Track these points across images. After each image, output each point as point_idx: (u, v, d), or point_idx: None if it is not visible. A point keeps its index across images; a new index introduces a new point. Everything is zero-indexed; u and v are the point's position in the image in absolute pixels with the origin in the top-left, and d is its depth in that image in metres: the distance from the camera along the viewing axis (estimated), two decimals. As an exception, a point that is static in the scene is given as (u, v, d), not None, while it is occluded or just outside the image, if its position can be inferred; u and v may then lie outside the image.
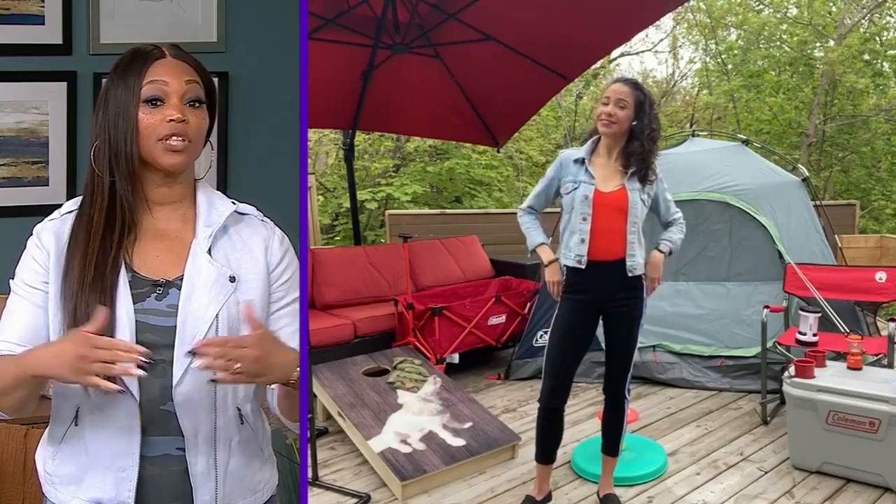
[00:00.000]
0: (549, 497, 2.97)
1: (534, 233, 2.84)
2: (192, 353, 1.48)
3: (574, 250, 2.69)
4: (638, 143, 2.65)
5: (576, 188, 2.70)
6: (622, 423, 2.93)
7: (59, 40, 2.82)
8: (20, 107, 2.82)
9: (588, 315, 2.77)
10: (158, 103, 1.58)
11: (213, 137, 1.72)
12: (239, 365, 1.46)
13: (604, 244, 2.68)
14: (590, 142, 2.76)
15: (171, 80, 1.58)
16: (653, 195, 2.76)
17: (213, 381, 1.48)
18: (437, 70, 5.40)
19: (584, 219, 2.68)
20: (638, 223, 2.71)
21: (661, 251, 2.82)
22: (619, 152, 2.69)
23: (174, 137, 1.57)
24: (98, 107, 1.62)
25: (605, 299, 2.72)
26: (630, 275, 2.69)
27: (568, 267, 2.73)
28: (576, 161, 2.73)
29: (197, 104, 1.61)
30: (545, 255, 2.77)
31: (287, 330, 1.69)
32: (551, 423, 2.83)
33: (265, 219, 1.73)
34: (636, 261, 2.70)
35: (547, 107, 8.78)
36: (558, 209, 2.87)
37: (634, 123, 2.64)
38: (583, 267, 2.68)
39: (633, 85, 2.67)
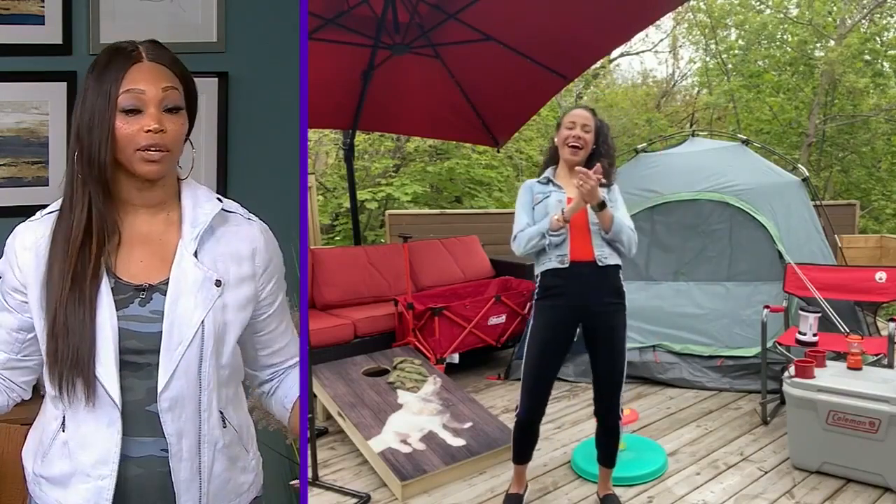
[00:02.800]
0: (526, 487, 3.01)
1: (537, 225, 2.75)
2: None
3: (555, 251, 2.70)
4: (597, 161, 2.74)
5: (547, 196, 2.78)
6: (617, 444, 2.90)
7: (59, 40, 2.82)
8: (20, 107, 2.82)
9: (566, 323, 2.75)
10: (136, 113, 1.54)
11: (212, 137, 1.70)
12: None
13: (579, 245, 2.70)
14: (549, 169, 2.86)
15: (148, 87, 1.54)
16: (614, 201, 2.76)
17: None
18: (437, 70, 5.41)
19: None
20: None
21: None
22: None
23: (152, 149, 1.53)
24: (76, 105, 1.58)
25: (584, 304, 2.71)
26: (600, 265, 2.68)
27: (545, 272, 2.73)
28: (540, 181, 2.84)
29: (175, 110, 1.57)
30: (559, 214, 2.69)
31: (280, 328, 1.74)
32: (527, 434, 2.86)
33: (251, 217, 1.70)
34: (604, 251, 2.71)
35: (547, 107, 8.78)
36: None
37: (594, 147, 2.79)
38: (566, 266, 2.68)
39: (592, 112, 2.84)
